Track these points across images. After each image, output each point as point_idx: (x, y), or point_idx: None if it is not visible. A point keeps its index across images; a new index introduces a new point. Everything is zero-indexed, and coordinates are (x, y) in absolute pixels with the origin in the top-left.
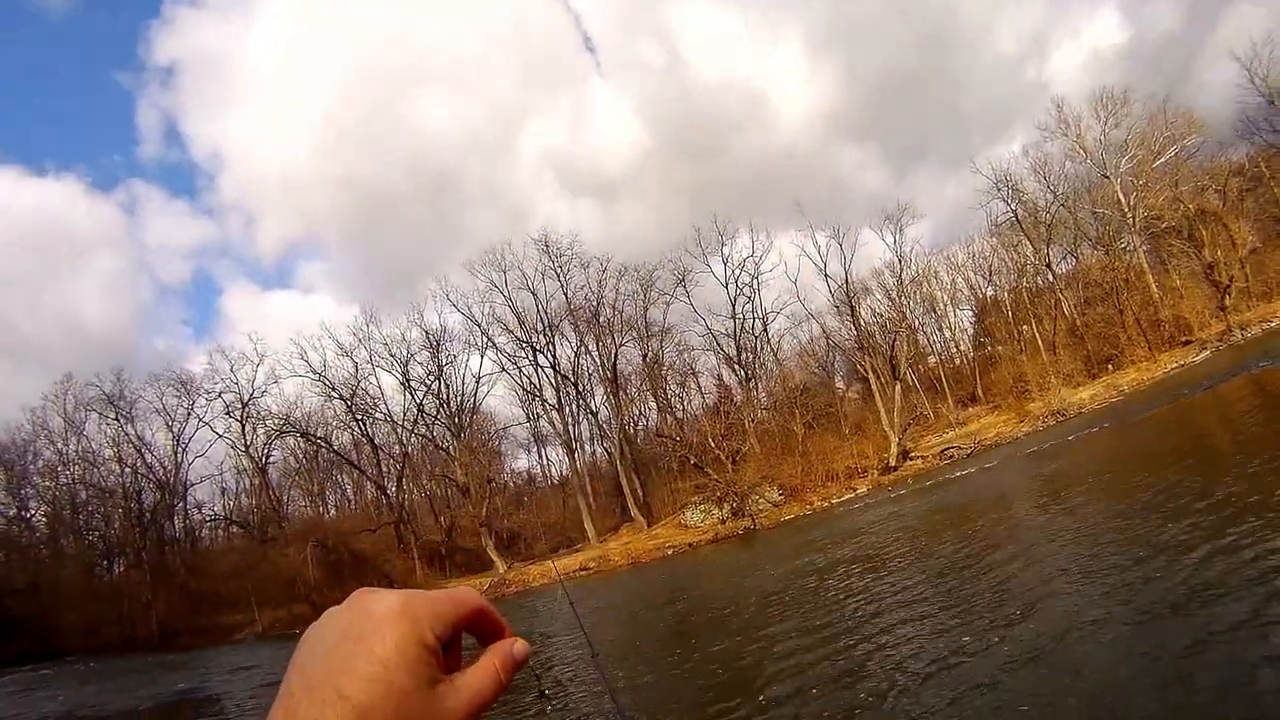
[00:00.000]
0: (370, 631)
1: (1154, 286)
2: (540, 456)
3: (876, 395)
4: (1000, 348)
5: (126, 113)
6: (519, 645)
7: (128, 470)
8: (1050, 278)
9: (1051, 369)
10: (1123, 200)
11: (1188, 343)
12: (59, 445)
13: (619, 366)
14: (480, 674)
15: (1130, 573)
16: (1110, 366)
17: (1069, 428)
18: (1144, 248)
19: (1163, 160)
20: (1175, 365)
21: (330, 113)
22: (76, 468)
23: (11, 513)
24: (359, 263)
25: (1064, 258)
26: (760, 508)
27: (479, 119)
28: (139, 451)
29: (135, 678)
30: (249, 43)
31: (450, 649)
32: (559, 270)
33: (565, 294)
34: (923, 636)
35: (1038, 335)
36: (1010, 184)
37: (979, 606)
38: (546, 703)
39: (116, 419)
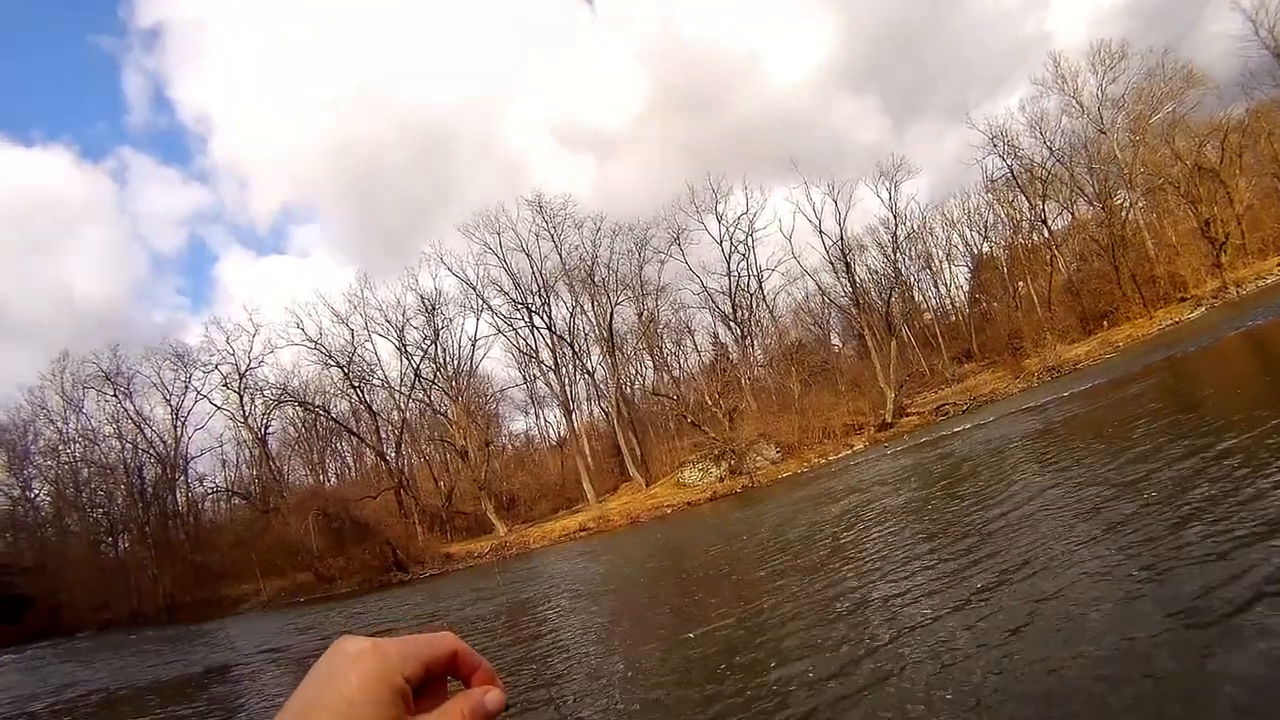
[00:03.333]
0: (340, 669)
1: (1150, 243)
2: (538, 418)
3: (872, 352)
4: (995, 304)
5: (112, 79)
6: (492, 696)
7: (128, 446)
8: (1046, 234)
9: (1046, 325)
10: (1119, 156)
11: (1183, 299)
12: (59, 424)
13: (615, 326)
14: (445, 718)
15: (1124, 525)
16: (1105, 323)
17: (1064, 384)
18: (1140, 204)
19: (1160, 115)
20: (1170, 322)
21: (321, 72)
22: (77, 446)
23: (16, 493)
24: (354, 224)
25: (1060, 214)
26: (758, 465)
27: (473, 76)
28: (138, 427)
29: (145, 652)
30: (234, 2)
31: (428, 691)
32: (553, 231)
33: (560, 254)
34: (921, 591)
35: (1033, 291)
36: (1006, 139)
37: (978, 562)
38: None
39: (115, 395)
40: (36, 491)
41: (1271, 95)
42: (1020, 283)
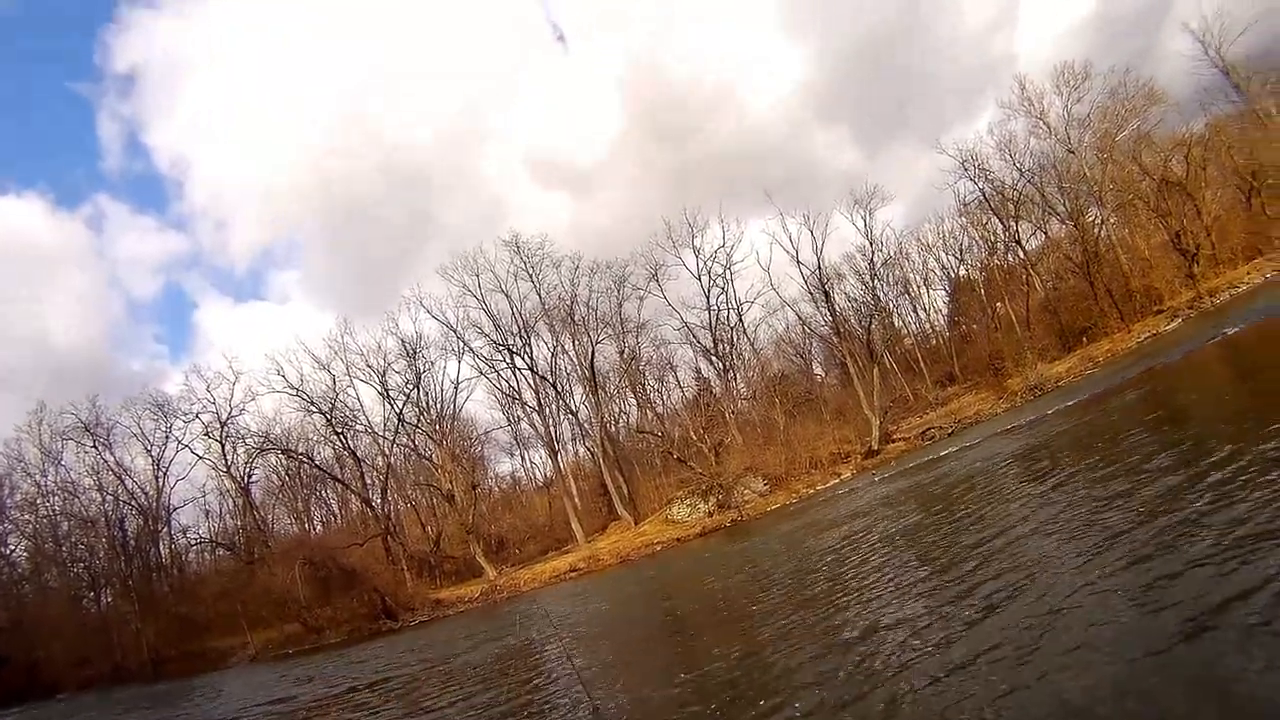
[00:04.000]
0: None
1: (1123, 258)
2: (523, 460)
3: (855, 380)
4: (975, 326)
5: (87, 125)
6: None
7: (109, 498)
8: (1021, 254)
9: (1026, 344)
10: (1088, 174)
11: (1159, 311)
12: (36, 477)
13: (596, 364)
14: None
15: (1117, 541)
16: (1085, 339)
17: (1047, 401)
18: (1112, 220)
19: (1125, 133)
20: (1148, 334)
21: (296, 113)
22: (56, 499)
23: None
24: (333, 267)
25: (1033, 234)
26: (746, 498)
27: (448, 116)
28: (119, 478)
29: (129, 711)
30: (208, 45)
31: None
32: (531, 271)
33: (539, 294)
34: (916, 619)
35: (1011, 312)
36: (976, 163)
37: (974, 588)
38: None
39: (94, 447)
40: (13, 547)
41: (1227, 110)
42: (998, 304)
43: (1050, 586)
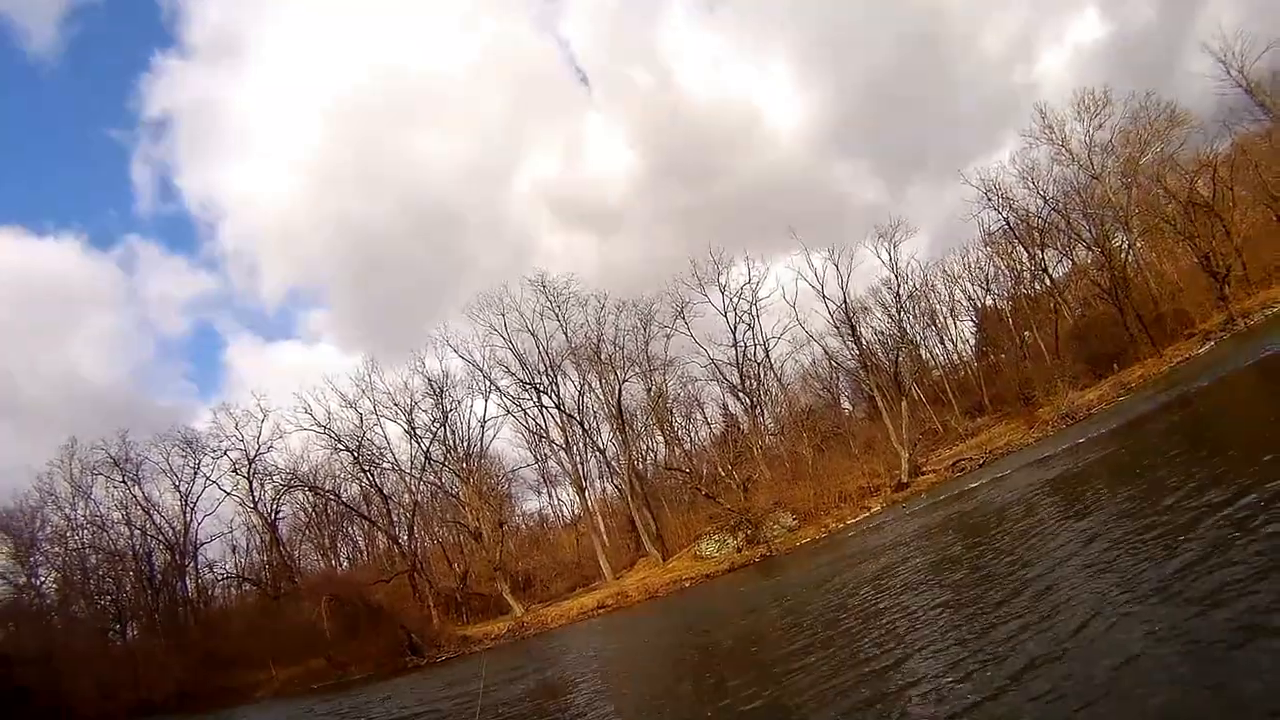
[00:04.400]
0: None
1: (1152, 282)
2: (550, 497)
3: (883, 413)
4: (1003, 356)
5: (121, 168)
6: None
7: (137, 532)
8: (1048, 282)
9: (1056, 373)
10: (1113, 199)
11: (1191, 335)
12: (66, 510)
13: (623, 402)
14: None
15: (1153, 574)
16: (1115, 365)
17: (1079, 430)
18: (1139, 244)
19: (1149, 156)
20: (1180, 359)
21: (325, 157)
22: (85, 532)
23: (21, 580)
24: (361, 307)
25: (1059, 261)
26: (775, 534)
27: (473, 157)
28: (147, 513)
29: None
30: (239, 90)
31: None
32: (557, 310)
33: (565, 333)
34: (950, 658)
35: (1040, 340)
36: (1000, 192)
37: (1005, 625)
38: None
39: (123, 481)
40: (43, 579)
41: (1253, 128)
42: (1026, 332)
43: (1087, 623)
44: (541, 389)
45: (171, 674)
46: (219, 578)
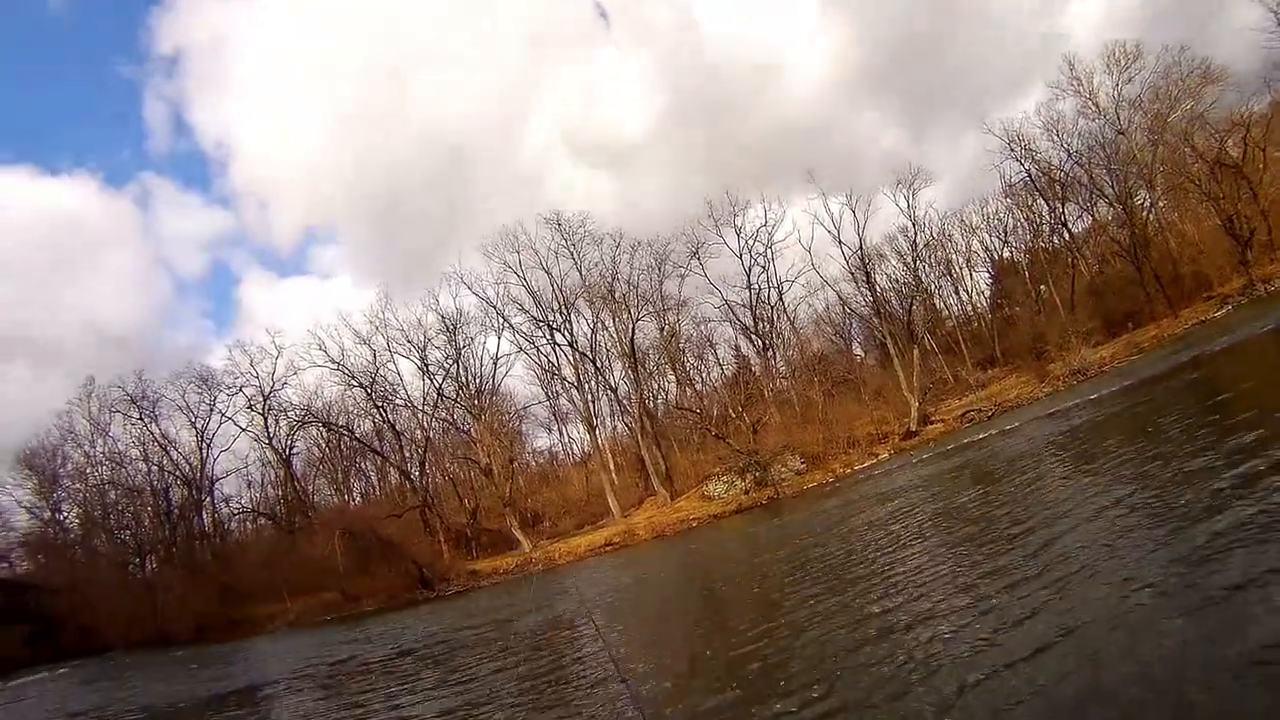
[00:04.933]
0: None
1: (1172, 242)
2: (561, 434)
3: (895, 360)
4: (1018, 309)
5: (134, 105)
6: None
7: (154, 469)
8: (1067, 237)
9: (1070, 328)
10: (1138, 156)
11: (1209, 298)
12: (86, 448)
13: (636, 341)
14: None
15: (1159, 531)
16: (1130, 324)
17: (1090, 387)
18: (1161, 203)
19: (1178, 113)
20: (1196, 321)
21: (339, 93)
22: (104, 469)
23: (46, 515)
24: (375, 244)
25: (1080, 216)
26: (783, 477)
27: (490, 93)
28: (164, 450)
29: (176, 672)
30: (252, 25)
31: None
32: (572, 248)
33: (579, 271)
34: (955, 604)
35: (1055, 295)
36: (1023, 144)
37: (1013, 574)
38: None
39: (141, 419)
40: (66, 514)
41: None
42: (1042, 286)
43: (1094, 575)
44: (555, 326)
45: (189, 606)
46: (235, 512)
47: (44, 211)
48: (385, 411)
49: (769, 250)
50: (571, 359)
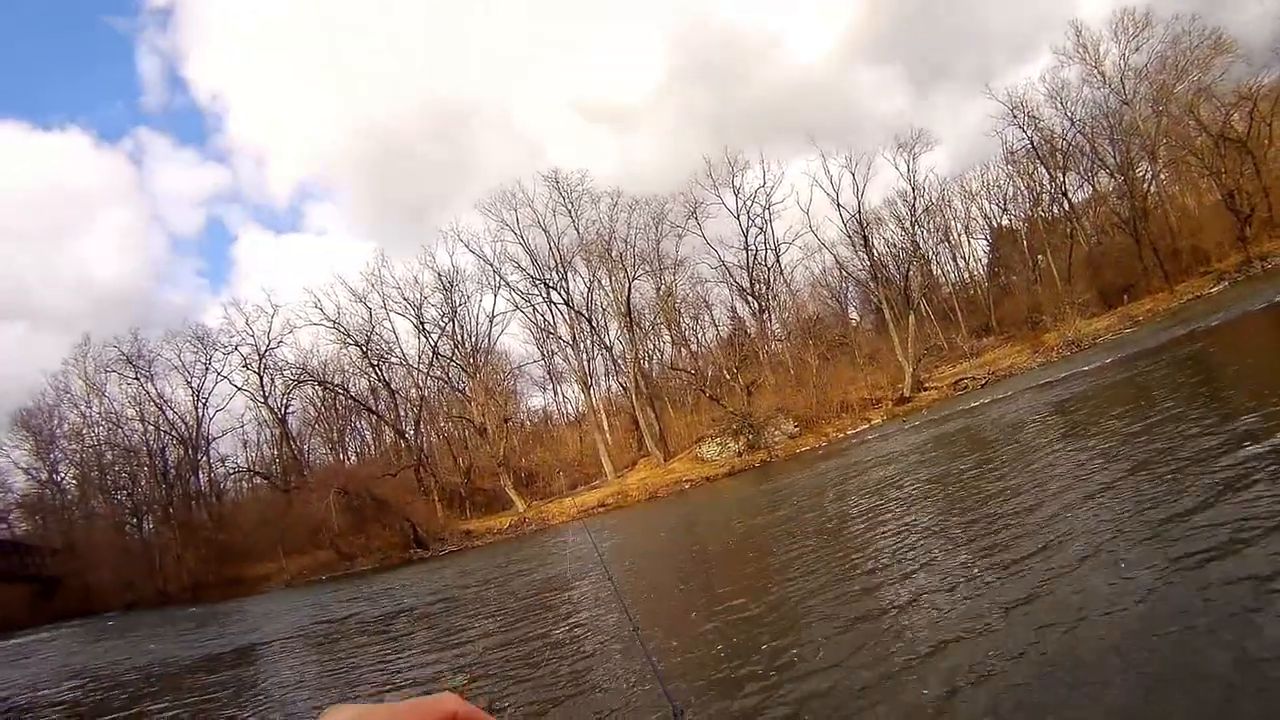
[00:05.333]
0: None
1: (1172, 216)
2: (556, 394)
3: (890, 326)
4: (1015, 278)
5: (127, 59)
6: None
7: (150, 428)
8: (1066, 206)
9: (1066, 299)
10: (1142, 127)
11: (1206, 273)
12: (82, 408)
13: (633, 301)
14: None
15: (1144, 505)
16: (1126, 297)
17: (1084, 358)
18: (1163, 176)
19: (1185, 85)
20: (1192, 296)
21: (335, 45)
22: (101, 429)
23: (43, 476)
24: (373, 201)
25: (1080, 186)
26: (776, 439)
27: (490, 49)
28: (160, 409)
29: (174, 631)
30: None
31: None
32: (570, 206)
33: (577, 229)
34: (942, 569)
35: (1053, 265)
36: (1026, 111)
37: (986, 535)
38: None
39: (137, 378)
40: (63, 475)
41: None
42: (1040, 256)
43: (1078, 541)
44: (551, 285)
45: (186, 565)
46: (231, 471)
47: (36, 169)
48: (380, 370)
49: (767, 211)
50: (567, 318)
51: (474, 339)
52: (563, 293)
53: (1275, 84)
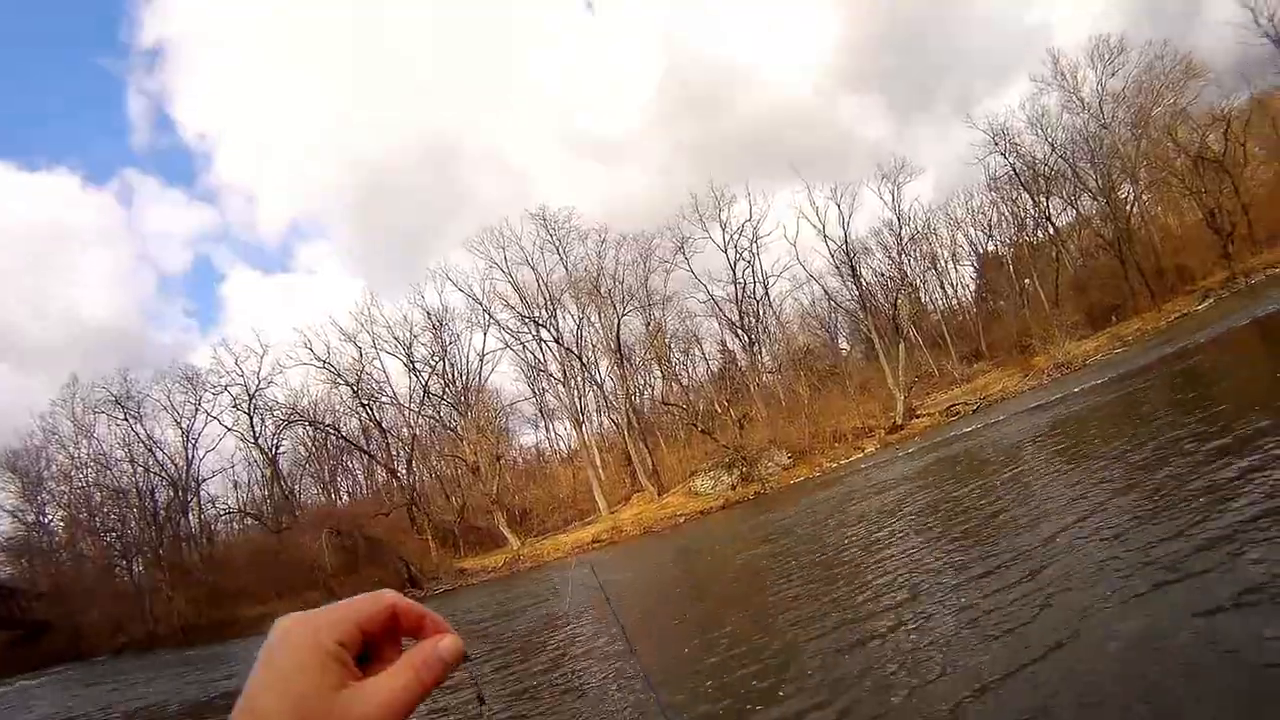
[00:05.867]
0: (273, 646)
1: (1155, 236)
2: (548, 431)
3: (880, 355)
4: (1003, 303)
5: (115, 100)
6: (445, 643)
7: (140, 469)
8: (1051, 230)
9: (1054, 322)
10: (1121, 150)
11: (1191, 291)
12: (70, 449)
13: (622, 337)
14: (395, 676)
15: (1141, 524)
16: (1114, 318)
17: (1074, 380)
18: (1145, 197)
19: (1161, 108)
20: (1179, 314)
21: (324, 84)
22: (89, 470)
23: (30, 519)
24: (361, 239)
25: (1064, 210)
26: (769, 472)
27: (476, 85)
28: (150, 450)
29: (164, 675)
30: (236, 17)
31: (383, 654)
32: (557, 243)
33: (565, 266)
34: (942, 596)
35: (1039, 289)
36: (1007, 137)
37: (994, 564)
38: (484, 709)
39: (126, 419)
40: (50, 517)
41: (1274, 83)
42: (1027, 280)
43: (1073, 568)
44: (540, 323)
45: (176, 608)
46: (221, 513)
47: (24, 209)
48: (371, 409)
49: (754, 244)
50: (557, 355)
51: (465, 377)
52: (552, 330)
53: (1245, 105)
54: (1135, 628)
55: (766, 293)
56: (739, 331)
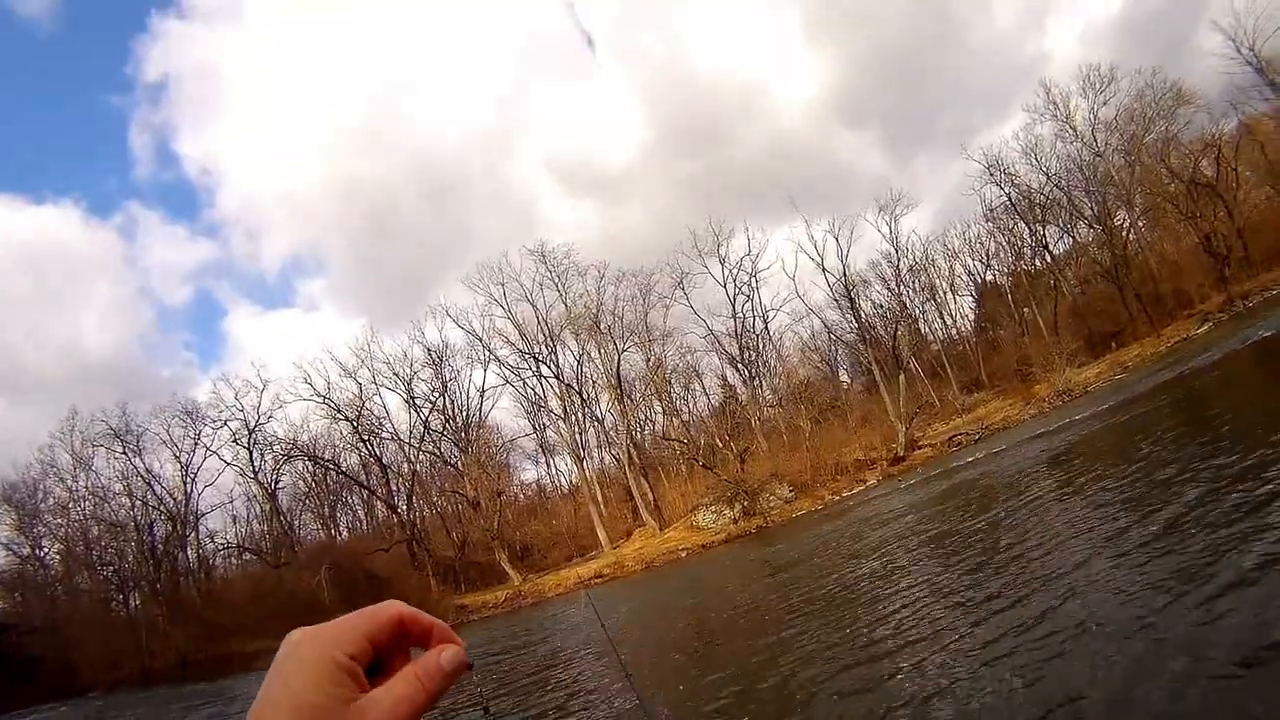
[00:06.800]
0: (284, 660)
1: (1152, 261)
2: (549, 466)
3: (881, 386)
4: (1002, 332)
5: (119, 135)
6: (448, 654)
7: (138, 503)
8: (1048, 259)
9: (1054, 350)
10: (1116, 177)
11: (1190, 315)
12: (68, 482)
13: (623, 372)
14: (401, 686)
15: (1146, 551)
16: (1114, 344)
17: (1075, 408)
18: (1140, 223)
19: (1153, 135)
20: (1178, 339)
21: (327, 121)
22: (87, 504)
23: (25, 552)
24: (362, 274)
25: (1060, 238)
26: (771, 505)
27: (478, 123)
28: (148, 484)
29: (160, 712)
30: (239, 53)
31: (392, 666)
32: (557, 280)
33: (565, 303)
34: (952, 638)
35: (1039, 317)
36: (1003, 168)
37: (999, 598)
38: None
39: (124, 453)
40: (46, 550)
41: (1261, 108)
42: (1026, 309)
43: (1081, 600)
44: (540, 359)
45: (173, 643)
46: (220, 548)
47: (26, 242)
48: (372, 445)
49: (753, 279)
50: (558, 391)
51: (465, 413)
52: (552, 366)
53: (1234, 131)
54: (1161, 681)
55: (766, 327)
56: (739, 366)
